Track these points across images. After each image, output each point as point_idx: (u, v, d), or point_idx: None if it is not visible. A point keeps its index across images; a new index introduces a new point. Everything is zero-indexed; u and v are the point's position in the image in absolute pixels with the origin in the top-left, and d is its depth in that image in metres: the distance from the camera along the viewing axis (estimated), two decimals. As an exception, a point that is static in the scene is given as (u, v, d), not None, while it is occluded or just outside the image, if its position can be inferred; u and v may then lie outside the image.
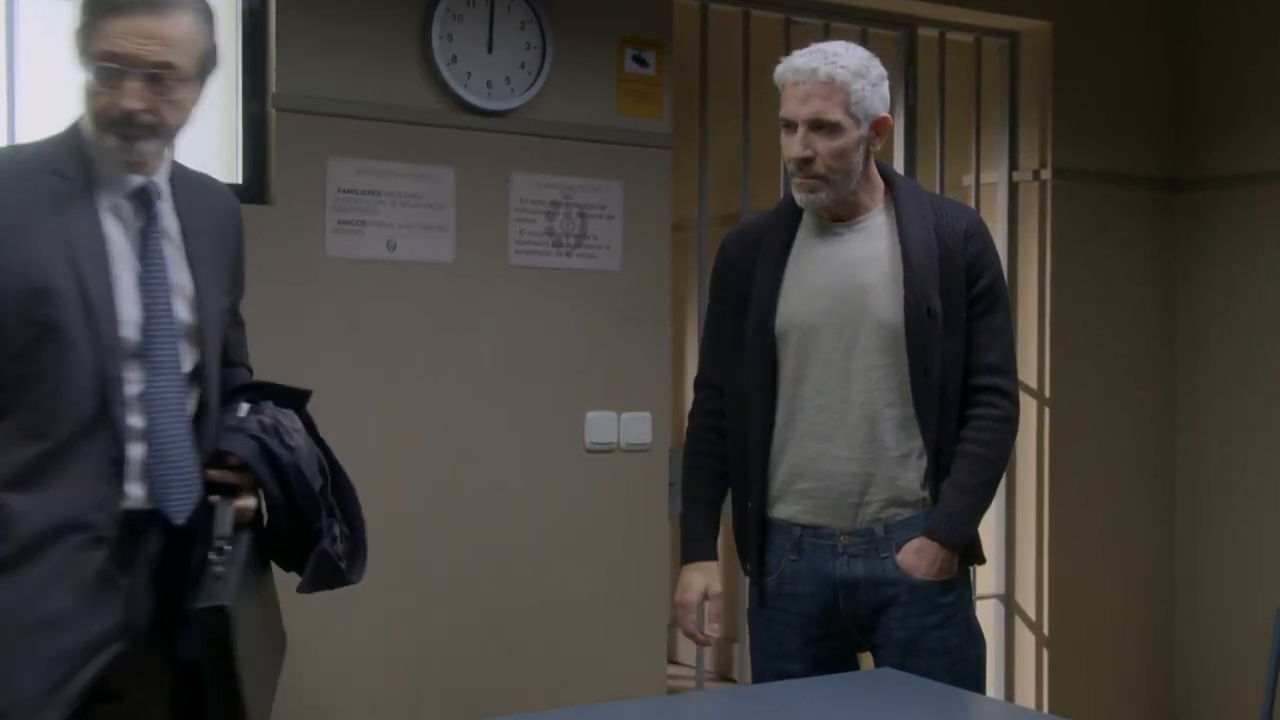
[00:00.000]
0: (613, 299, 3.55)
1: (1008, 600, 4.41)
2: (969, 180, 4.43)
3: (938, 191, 4.28)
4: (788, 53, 3.42)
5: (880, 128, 2.52)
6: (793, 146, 2.49)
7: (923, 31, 4.24)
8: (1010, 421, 2.55)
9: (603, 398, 3.54)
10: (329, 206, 3.19)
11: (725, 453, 2.66)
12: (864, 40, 4.03)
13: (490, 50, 3.36)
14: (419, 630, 3.31)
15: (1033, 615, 4.36)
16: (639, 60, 3.57)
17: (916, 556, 2.49)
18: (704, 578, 2.63)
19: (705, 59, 3.91)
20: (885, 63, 2.60)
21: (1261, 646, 3.43)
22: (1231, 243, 4.44)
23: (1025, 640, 4.39)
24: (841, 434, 2.51)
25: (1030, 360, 4.35)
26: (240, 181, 3.16)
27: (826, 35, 4.01)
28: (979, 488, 2.52)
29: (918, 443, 2.51)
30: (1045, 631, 4.33)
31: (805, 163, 2.47)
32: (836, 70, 2.45)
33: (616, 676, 3.54)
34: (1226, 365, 4.46)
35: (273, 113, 3.15)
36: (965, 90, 4.39)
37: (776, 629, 2.59)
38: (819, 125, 2.46)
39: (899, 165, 4.22)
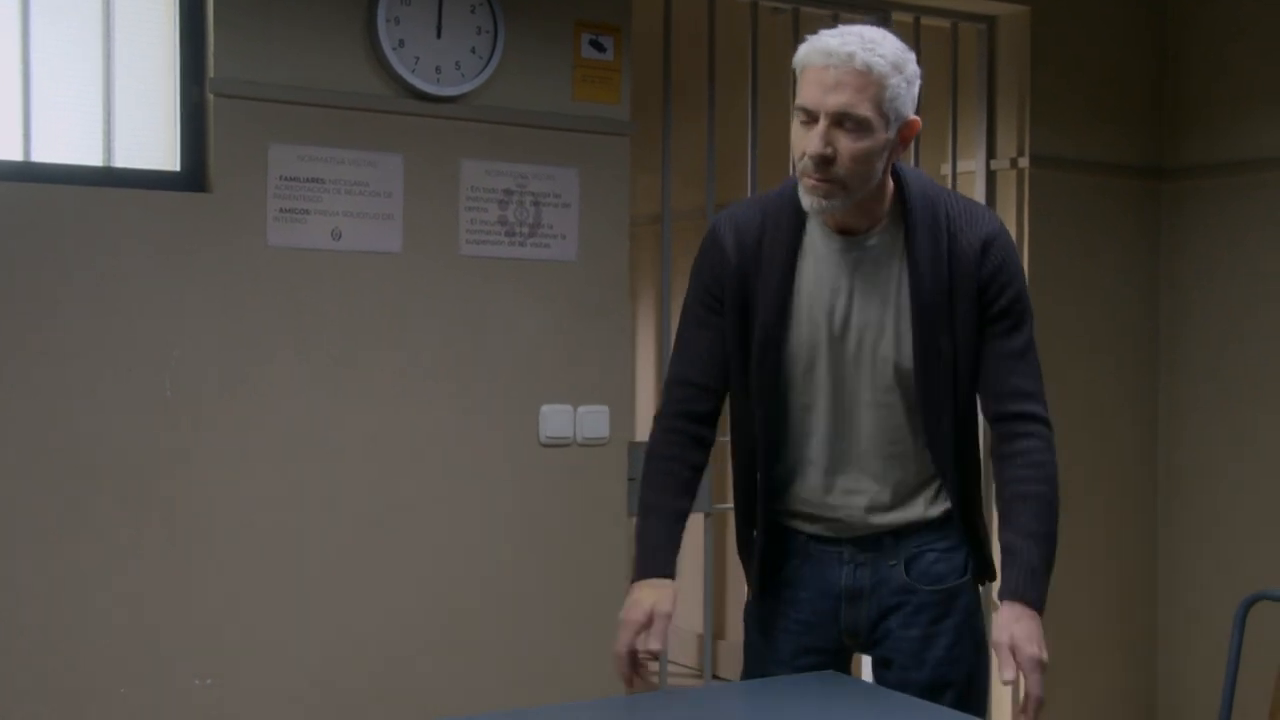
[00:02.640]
0: (569, 290, 3.47)
1: (985, 605, 4.31)
2: (946, 169, 4.35)
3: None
4: (754, 39, 3.26)
5: (908, 132, 2.21)
6: (811, 141, 2.13)
7: (897, 16, 4.14)
8: (1054, 451, 2.33)
9: (558, 391, 3.46)
10: (270, 194, 3.11)
11: (700, 462, 2.41)
12: (834, 25, 3.94)
13: (439, 35, 3.27)
14: (368, 628, 3.24)
15: (1010, 614, 4.27)
16: (596, 45, 3.48)
17: (1023, 632, 2.16)
18: (654, 595, 2.26)
19: (669, 45, 3.82)
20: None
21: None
22: (1214, 232, 4.35)
23: (1002, 640, 4.30)
24: (850, 466, 2.33)
25: (1008, 353, 4.26)
26: (178, 169, 3.09)
27: (797, 20, 3.93)
28: (1052, 535, 2.27)
29: (929, 474, 2.34)
30: (1022, 631, 4.24)
31: (824, 162, 2.14)
32: (875, 59, 2.12)
33: (572, 675, 3.46)
34: (1210, 358, 4.37)
35: (211, 98, 3.07)
36: (941, 77, 4.29)
37: (771, 632, 2.43)
38: (845, 120, 2.13)
39: (872, 153, 4.12)
